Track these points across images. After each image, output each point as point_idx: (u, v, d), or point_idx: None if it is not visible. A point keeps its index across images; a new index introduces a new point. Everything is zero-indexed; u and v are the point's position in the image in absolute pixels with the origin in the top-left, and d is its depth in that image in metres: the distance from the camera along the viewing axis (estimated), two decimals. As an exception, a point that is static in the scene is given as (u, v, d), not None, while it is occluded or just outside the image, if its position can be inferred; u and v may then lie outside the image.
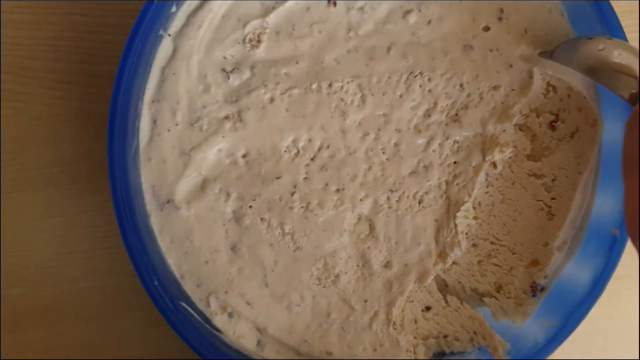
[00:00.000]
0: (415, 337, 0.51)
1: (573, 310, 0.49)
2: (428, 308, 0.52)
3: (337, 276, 0.49)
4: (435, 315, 0.52)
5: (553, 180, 0.51)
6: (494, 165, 0.49)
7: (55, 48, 0.54)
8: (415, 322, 0.52)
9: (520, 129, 0.50)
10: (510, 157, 0.50)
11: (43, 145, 0.55)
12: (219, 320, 0.48)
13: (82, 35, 0.54)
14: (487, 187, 0.51)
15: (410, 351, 0.51)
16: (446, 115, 0.48)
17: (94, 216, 0.56)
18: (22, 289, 0.56)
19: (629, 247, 0.44)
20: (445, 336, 0.52)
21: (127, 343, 0.57)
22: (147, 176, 0.47)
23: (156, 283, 0.45)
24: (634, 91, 0.42)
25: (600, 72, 0.43)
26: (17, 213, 0.56)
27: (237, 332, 0.49)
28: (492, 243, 0.52)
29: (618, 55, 0.42)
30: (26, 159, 0.55)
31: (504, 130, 0.49)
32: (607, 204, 0.50)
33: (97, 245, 0.56)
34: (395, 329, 0.50)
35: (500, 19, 0.48)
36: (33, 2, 0.54)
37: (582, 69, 0.45)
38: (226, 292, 0.48)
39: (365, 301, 0.50)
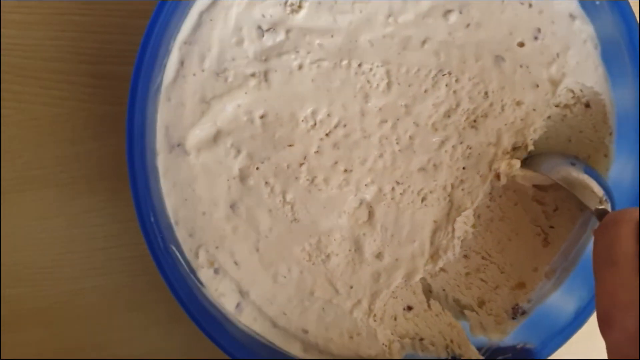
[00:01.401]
0: (392, 334, 0.51)
1: (552, 337, 0.49)
2: (410, 308, 0.52)
3: (327, 256, 0.49)
4: (416, 316, 0.52)
5: (554, 210, 0.52)
6: (498, 176, 0.49)
7: (55, 48, 0.54)
8: (395, 319, 0.52)
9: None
10: (515, 176, 0.50)
11: (43, 145, 0.55)
12: (204, 274, 0.48)
13: (82, 35, 0.54)
14: (489, 201, 0.51)
15: (386, 346, 0.50)
16: (465, 119, 0.49)
17: (93, 216, 0.56)
18: (22, 289, 0.56)
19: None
20: (422, 339, 0.52)
21: (127, 343, 0.57)
22: (163, 115, 0.46)
23: (152, 220, 0.44)
24: (600, 207, 0.45)
25: (573, 185, 0.47)
26: (17, 213, 0.55)
27: (219, 289, 0.48)
28: (483, 258, 0.52)
29: (583, 174, 0.47)
30: (26, 159, 0.55)
31: (514, 149, 0.49)
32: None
33: (97, 245, 0.56)
34: (375, 321, 0.50)
35: (536, 38, 0.49)
36: (33, 2, 0.53)
37: (556, 178, 0.48)
38: (217, 247, 0.48)
39: (351, 287, 0.49)
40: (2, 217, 0.55)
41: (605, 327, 0.38)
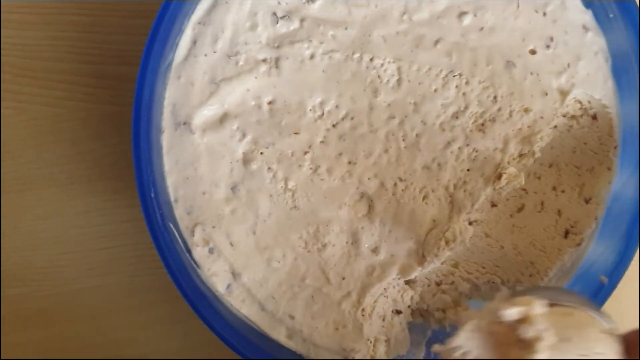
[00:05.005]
0: (379, 332, 0.51)
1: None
2: (399, 312, 0.51)
3: (324, 245, 0.49)
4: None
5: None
6: (499, 176, 0.49)
7: (55, 48, 0.54)
8: (383, 319, 0.51)
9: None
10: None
11: (43, 145, 0.55)
12: (198, 253, 0.48)
13: (82, 35, 0.54)
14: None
15: (371, 342, 0.50)
16: (473, 122, 0.49)
17: (93, 216, 0.56)
18: (22, 289, 0.56)
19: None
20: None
21: (127, 343, 0.58)
22: (172, 93, 0.46)
23: (152, 195, 0.44)
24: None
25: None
26: (17, 213, 0.55)
27: (212, 269, 0.48)
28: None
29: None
30: (26, 159, 0.55)
31: (520, 155, 0.49)
32: (601, 252, 0.51)
33: (97, 245, 0.56)
34: (363, 315, 0.50)
35: (548, 46, 0.49)
36: (33, 2, 0.53)
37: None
38: (213, 227, 0.48)
39: (343, 278, 0.49)
40: (2, 217, 0.55)
41: None
